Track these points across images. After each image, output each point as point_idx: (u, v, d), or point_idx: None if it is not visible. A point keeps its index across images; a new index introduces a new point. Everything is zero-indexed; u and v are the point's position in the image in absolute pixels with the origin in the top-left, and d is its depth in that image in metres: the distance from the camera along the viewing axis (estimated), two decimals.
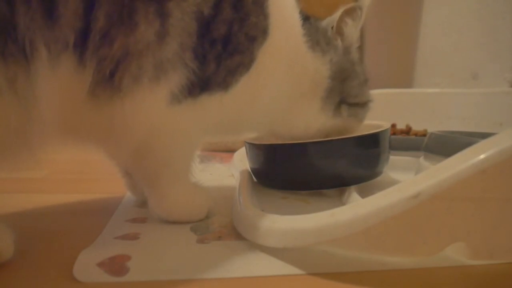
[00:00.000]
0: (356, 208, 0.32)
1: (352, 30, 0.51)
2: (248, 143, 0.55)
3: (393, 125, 0.78)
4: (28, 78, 0.32)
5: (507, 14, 0.79)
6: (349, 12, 0.51)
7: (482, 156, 0.29)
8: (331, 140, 0.49)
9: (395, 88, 0.88)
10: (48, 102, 0.34)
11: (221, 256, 0.36)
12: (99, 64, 0.34)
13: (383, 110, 0.81)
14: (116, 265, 0.33)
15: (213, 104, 0.42)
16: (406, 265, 0.34)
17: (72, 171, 0.75)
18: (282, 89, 0.47)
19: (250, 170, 0.56)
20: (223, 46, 0.40)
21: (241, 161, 0.64)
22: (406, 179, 0.32)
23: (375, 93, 0.89)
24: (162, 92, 0.38)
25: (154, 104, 0.38)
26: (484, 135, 0.35)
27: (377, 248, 0.34)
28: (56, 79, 0.34)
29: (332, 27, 0.51)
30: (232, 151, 0.79)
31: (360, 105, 0.53)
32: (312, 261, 0.35)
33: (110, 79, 0.35)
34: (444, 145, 0.51)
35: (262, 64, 0.43)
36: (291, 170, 0.50)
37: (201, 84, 0.40)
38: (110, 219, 0.45)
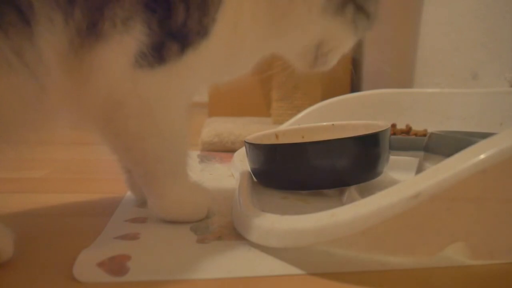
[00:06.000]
0: (356, 208, 0.32)
1: None
2: (248, 143, 0.55)
3: (393, 125, 0.78)
4: (33, 46, 0.31)
5: (507, 13, 0.79)
6: None
7: (482, 156, 0.29)
8: (331, 140, 0.49)
9: (395, 88, 0.88)
10: (54, 66, 0.33)
11: (221, 256, 0.36)
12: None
13: (383, 110, 0.81)
14: (116, 265, 0.33)
15: (200, 60, 0.39)
16: (406, 265, 0.34)
17: (72, 171, 0.75)
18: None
19: (250, 170, 0.56)
20: None
21: (241, 161, 0.64)
22: (406, 179, 0.32)
23: (375, 93, 0.89)
24: (127, 52, 0.36)
25: (118, 66, 0.36)
26: (484, 135, 0.35)
27: (377, 248, 0.34)
28: (55, 41, 0.33)
29: None
30: (232, 151, 0.79)
31: (365, 14, 0.47)
32: (312, 261, 0.35)
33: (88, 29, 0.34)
34: (444, 145, 0.51)
35: None
36: (291, 170, 0.50)
37: (179, 40, 0.37)
38: (110, 219, 0.45)
